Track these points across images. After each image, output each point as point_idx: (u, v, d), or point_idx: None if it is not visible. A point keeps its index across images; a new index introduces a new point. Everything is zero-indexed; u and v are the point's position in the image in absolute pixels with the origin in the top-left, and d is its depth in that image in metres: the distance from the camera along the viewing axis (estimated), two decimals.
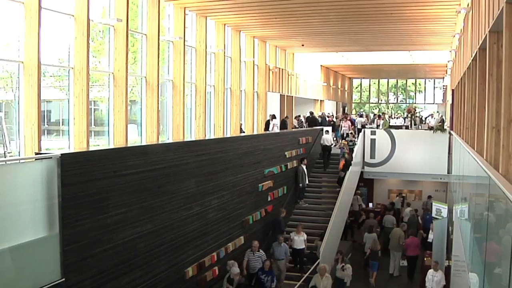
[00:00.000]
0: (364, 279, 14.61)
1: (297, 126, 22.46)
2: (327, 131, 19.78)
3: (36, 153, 8.32)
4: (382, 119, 24.31)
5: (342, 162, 17.63)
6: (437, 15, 15.63)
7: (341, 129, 22.60)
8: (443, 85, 35.47)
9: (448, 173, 18.16)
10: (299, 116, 23.59)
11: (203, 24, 16.32)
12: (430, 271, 12.17)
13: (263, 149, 14.32)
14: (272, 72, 22.35)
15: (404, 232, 15.82)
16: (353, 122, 24.87)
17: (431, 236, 15.48)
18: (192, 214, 10.25)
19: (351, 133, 21.67)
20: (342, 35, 20.57)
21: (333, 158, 18.96)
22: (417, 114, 25.16)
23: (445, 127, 19.64)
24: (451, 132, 17.45)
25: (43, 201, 6.58)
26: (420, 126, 23.10)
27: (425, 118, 27.50)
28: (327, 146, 18.81)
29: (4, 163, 6.65)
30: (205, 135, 16.37)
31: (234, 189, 12.26)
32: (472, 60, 8.81)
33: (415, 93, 42.57)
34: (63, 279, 6.74)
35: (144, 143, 12.76)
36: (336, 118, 25.77)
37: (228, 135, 17.61)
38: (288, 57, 25.97)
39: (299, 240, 13.75)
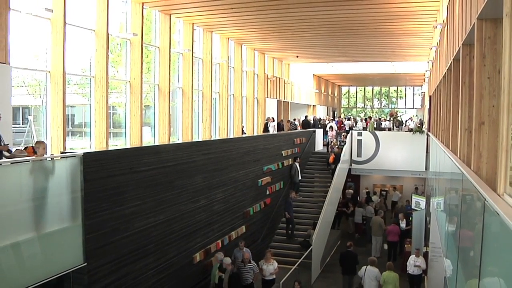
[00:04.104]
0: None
1: (291, 128, 22.39)
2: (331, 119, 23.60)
3: (62, 152, 8.30)
4: (368, 122, 24.25)
5: (332, 156, 17.71)
6: (416, 30, 15.64)
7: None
8: (422, 92, 35.40)
9: (426, 169, 18.16)
10: (294, 120, 23.51)
11: (209, 38, 16.32)
12: (412, 257, 12.07)
13: (262, 149, 14.31)
14: (270, 80, 22.33)
15: (382, 218, 16.02)
16: (342, 126, 24.80)
17: (402, 225, 15.52)
18: (199, 206, 10.25)
19: (337, 143, 21.19)
20: (332, 48, 20.57)
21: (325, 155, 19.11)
22: (399, 118, 25.10)
23: (423, 129, 19.63)
24: (429, 133, 17.44)
25: (67, 195, 6.59)
26: (401, 128, 23.07)
27: (406, 121, 27.42)
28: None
29: (33, 161, 6.65)
30: (211, 136, 16.37)
31: (236, 184, 12.26)
32: (447, 70, 8.81)
33: (397, 99, 42.52)
34: (85, 264, 6.75)
35: (157, 143, 12.76)
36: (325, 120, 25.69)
37: (231, 136, 17.60)
38: (284, 67, 25.95)
39: (268, 269, 10.82)
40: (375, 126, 22.66)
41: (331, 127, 23.01)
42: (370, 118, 27.71)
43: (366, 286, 10.81)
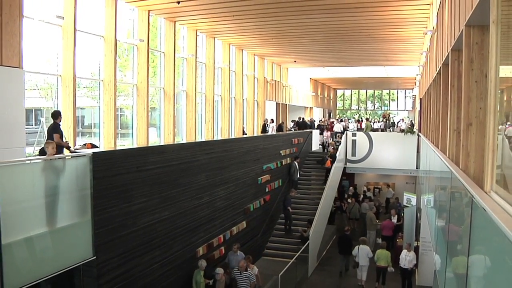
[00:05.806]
0: None
1: (291, 128, 22.40)
2: (339, 120, 25.00)
3: (72, 152, 8.32)
4: (361, 124, 24.20)
5: (329, 161, 17.62)
6: (407, 36, 15.65)
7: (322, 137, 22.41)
8: (413, 95, 35.44)
9: (416, 168, 18.14)
10: (293, 121, 23.49)
11: (211, 43, 16.33)
12: (404, 251, 12.05)
13: (262, 148, 14.31)
14: (270, 83, 22.34)
15: (374, 214, 16.15)
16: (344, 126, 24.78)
17: (394, 220, 15.53)
18: (202, 202, 10.25)
19: (332, 143, 21.07)
20: (328, 53, 20.58)
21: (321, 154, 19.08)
22: (391, 119, 25.09)
23: (414, 130, 19.63)
24: (419, 134, 17.44)
25: (77, 192, 6.59)
26: (392, 129, 23.06)
27: (397, 122, 27.41)
28: (337, 132, 22.15)
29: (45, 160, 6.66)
30: (213, 137, 16.38)
31: (237, 181, 12.25)
32: (437, 74, 8.81)
33: (389, 101, 42.55)
34: (94, 257, 6.75)
35: (162, 143, 12.75)
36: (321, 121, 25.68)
37: (233, 137, 17.59)
38: (283, 71, 25.96)
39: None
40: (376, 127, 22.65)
41: (326, 129, 23.02)
42: (368, 119, 27.67)
43: (360, 262, 12.06)
